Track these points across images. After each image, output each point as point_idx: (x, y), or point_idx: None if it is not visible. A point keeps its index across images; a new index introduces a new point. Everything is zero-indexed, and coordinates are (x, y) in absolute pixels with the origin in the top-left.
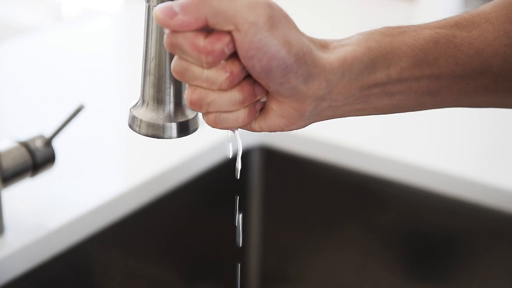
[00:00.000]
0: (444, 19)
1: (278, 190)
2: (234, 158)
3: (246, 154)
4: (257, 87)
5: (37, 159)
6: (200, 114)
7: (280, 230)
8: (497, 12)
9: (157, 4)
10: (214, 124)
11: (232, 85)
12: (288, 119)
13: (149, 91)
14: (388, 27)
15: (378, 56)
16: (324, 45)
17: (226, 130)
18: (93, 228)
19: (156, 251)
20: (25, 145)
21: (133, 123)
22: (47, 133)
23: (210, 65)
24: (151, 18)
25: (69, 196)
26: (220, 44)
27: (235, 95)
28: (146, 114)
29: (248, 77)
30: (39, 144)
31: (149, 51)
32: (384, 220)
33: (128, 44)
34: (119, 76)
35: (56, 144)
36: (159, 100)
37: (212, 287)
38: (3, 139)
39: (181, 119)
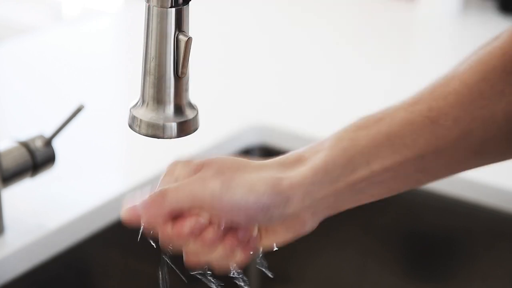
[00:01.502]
0: (421, 91)
1: None
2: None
3: (246, 154)
4: (240, 232)
5: (37, 159)
6: (200, 114)
7: None
8: (471, 70)
9: (157, 4)
10: (223, 272)
11: (214, 246)
12: (294, 232)
13: (149, 91)
14: (364, 117)
15: (354, 155)
16: (298, 160)
17: (226, 133)
18: (93, 228)
19: (156, 251)
20: (25, 145)
21: (133, 123)
22: (47, 133)
23: (179, 247)
24: (151, 18)
25: (69, 196)
26: (186, 227)
27: (220, 250)
28: (146, 114)
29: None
30: (39, 144)
31: (149, 51)
32: (384, 220)
33: (128, 44)
34: (119, 76)
35: (56, 144)
36: (159, 100)
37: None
38: (3, 139)
39: (181, 119)
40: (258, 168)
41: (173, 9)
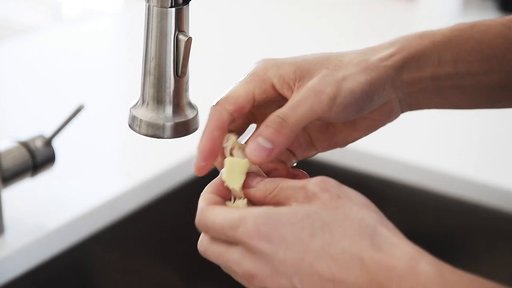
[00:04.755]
0: None
1: None
2: None
3: None
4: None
5: (37, 159)
6: (200, 114)
7: None
8: None
9: (157, 4)
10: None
11: None
12: (381, 121)
13: (149, 91)
14: (459, 23)
15: (443, 50)
16: (386, 47)
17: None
18: (93, 228)
19: (156, 251)
20: (25, 145)
21: (133, 123)
22: (47, 133)
23: None
24: (151, 18)
25: (69, 196)
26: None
27: None
28: (146, 114)
29: None
30: (39, 144)
31: (149, 51)
32: None
33: (128, 44)
34: (119, 76)
35: (56, 144)
36: (159, 100)
37: (212, 287)
38: (3, 139)
39: (181, 119)
40: (351, 59)
41: (173, 9)
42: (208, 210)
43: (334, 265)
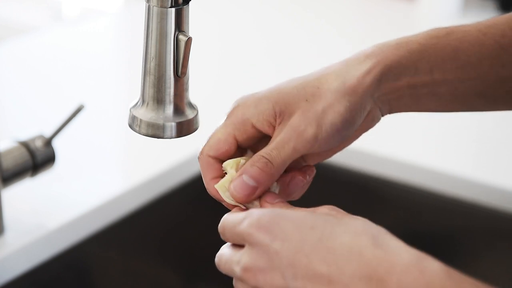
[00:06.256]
0: (498, 17)
1: None
2: None
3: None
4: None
5: (37, 159)
6: (200, 114)
7: None
8: None
9: (157, 4)
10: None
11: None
12: (364, 129)
13: (149, 91)
14: (436, 28)
15: (419, 59)
16: (362, 59)
17: None
18: (93, 228)
19: (156, 251)
20: (25, 145)
21: (133, 123)
22: (47, 133)
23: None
24: (151, 18)
25: (69, 196)
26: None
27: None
28: (146, 114)
29: None
30: (39, 144)
31: (149, 51)
32: (384, 220)
33: (128, 44)
34: (119, 76)
35: (56, 144)
36: (159, 100)
37: (212, 287)
38: (3, 139)
39: (181, 119)
40: (329, 85)
41: (173, 9)
42: (228, 214)
43: (331, 257)
